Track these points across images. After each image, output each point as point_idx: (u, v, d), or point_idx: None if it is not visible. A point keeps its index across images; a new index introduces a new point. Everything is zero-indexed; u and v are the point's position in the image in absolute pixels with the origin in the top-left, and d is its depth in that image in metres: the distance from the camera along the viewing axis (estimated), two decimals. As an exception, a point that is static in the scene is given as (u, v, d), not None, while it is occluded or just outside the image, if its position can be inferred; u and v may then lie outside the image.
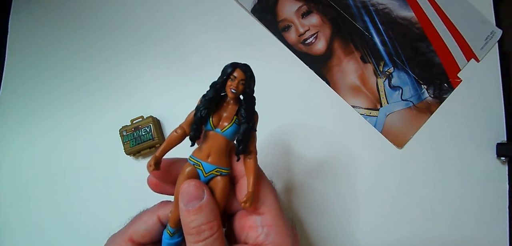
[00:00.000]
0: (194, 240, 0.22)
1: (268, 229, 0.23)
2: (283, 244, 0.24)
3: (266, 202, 0.24)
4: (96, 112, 0.44)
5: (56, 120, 0.45)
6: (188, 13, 0.46)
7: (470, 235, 0.38)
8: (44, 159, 0.44)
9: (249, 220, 0.24)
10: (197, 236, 0.22)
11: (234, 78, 0.23)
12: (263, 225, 0.24)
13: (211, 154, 0.24)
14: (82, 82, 0.45)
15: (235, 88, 0.23)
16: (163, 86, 0.44)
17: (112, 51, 0.46)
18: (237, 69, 0.23)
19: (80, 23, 0.47)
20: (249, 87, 0.24)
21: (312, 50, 0.43)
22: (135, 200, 0.30)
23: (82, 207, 0.42)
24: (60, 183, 0.43)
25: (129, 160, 0.42)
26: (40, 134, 0.44)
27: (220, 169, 0.24)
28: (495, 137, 0.39)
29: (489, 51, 0.42)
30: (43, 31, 0.47)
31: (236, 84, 0.23)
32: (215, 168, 0.24)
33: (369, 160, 0.40)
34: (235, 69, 0.23)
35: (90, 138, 0.43)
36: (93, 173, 0.42)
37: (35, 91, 0.46)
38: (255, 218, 0.24)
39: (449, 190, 0.39)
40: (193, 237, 0.22)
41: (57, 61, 0.46)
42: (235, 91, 0.23)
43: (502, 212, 0.38)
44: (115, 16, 0.47)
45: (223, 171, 0.24)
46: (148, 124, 0.40)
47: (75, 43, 0.46)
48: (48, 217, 0.42)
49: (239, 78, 0.23)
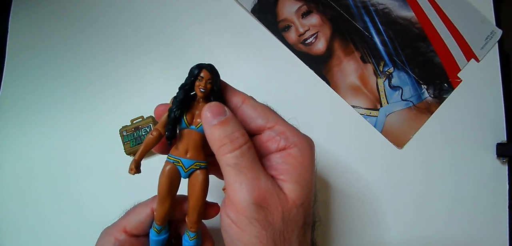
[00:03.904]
0: (229, 149, 0.23)
1: (284, 134, 0.25)
2: (303, 141, 0.25)
3: (269, 118, 0.25)
4: (96, 113, 0.44)
5: (56, 121, 0.45)
6: (188, 14, 0.46)
7: (470, 235, 0.38)
8: (44, 159, 0.44)
9: (264, 137, 0.25)
10: (231, 144, 0.23)
11: (202, 78, 0.25)
12: (278, 133, 0.25)
13: (189, 150, 0.25)
14: (83, 84, 0.45)
15: (204, 87, 0.25)
16: (163, 87, 0.44)
17: (113, 53, 0.46)
18: (203, 70, 0.25)
19: (81, 25, 0.47)
20: (216, 85, 0.25)
21: (312, 50, 0.43)
22: (135, 200, 0.30)
23: (82, 206, 0.42)
24: (60, 183, 0.43)
25: (129, 160, 0.42)
26: (40, 135, 0.44)
27: (199, 162, 0.26)
28: (495, 137, 0.39)
29: (489, 51, 0.42)
30: (44, 32, 0.48)
31: (204, 84, 0.25)
32: (194, 162, 0.25)
33: (369, 160, 0.40)
34: (201, 70, 0.25)
35: (90, 138, 0.43)
36: (93, 172, 0.42)
37: (35, 92, 0.46)
38: (268, 133, 0.25)
39: (449, 190, 0.39)
40: (227, 147, 0.23)
41: (57, 62, 0.46)
42: (204, 90, 0.25)
43: (502, 212, 0.38)
44: (116, 18, 0.47)
45: (202, 164, 0.26)
46: (148, 124, 0.40)
47: (76, 45, 0.46)
48: (48, 217, 0.42)
49: (206, 78, 0.25)
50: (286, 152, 0.25)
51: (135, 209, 0.29)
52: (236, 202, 0.23)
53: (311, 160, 0.25)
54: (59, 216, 0.42)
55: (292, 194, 0.23)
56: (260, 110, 0.26)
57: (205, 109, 0.24)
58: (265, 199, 0.22)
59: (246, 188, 0.22)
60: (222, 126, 0.23)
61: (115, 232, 0.28)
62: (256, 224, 0.22)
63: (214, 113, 0.23)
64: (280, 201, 0.23)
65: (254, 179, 0.23)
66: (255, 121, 0.25)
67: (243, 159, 0.23)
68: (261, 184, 0.23)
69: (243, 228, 0.23)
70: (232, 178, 0.23)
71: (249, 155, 0.23)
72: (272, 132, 0.25)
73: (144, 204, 0.29)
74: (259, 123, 0.25)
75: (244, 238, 0.23)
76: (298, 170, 0.24)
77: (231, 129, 0.23)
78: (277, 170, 0.24)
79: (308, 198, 0.24)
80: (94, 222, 0.33)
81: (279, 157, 0.25)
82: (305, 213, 0.24)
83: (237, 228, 0.23)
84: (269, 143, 0.25)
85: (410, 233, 0.38)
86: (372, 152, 0.40)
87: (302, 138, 0.25)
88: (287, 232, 0.23)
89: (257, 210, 0.22)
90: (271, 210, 0.23)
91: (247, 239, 0.22)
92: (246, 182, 0.23)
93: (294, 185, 0.24)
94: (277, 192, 0.23)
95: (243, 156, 0.23)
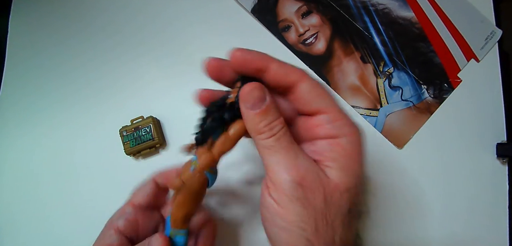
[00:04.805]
0: (267, 136, 0.24)
1: (336, 123, 0.24)
2: (354, 132, 0.24)
3: (324, 102, 0.25)
4: (96, 113, 0.44)
5: (56, 121, 0.45)
6: (188, 14, 0.46)
7: (469, 235, 0.38)
8: (43, 159, 0.44)
9: (315, 120, 0.25)
10: (269, 132, 0.23)
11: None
12: (330, 121, 0.24)
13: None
14: (83, 83, 0.45)
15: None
16: (163, 87, 0.44)
17: (113, 53, 0.45)
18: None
19: (81, 25, 0.47)
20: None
21: (312, 51, 0.43)
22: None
23: (82, 206, 0.42)
24: (60, 183, 0.43)
25: (129, 160, 0.42)
26: (40, 134, 0.44)
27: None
28: (495, 137, 0.39)
29: (489, 51, 0.42)
30: (43, 31, 0.47)
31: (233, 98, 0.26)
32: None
33: (369, 160, 0.40)
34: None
35: (90, 138, 0.43)
36: (93, 173, 0.42)
37: (35, 92, 0.46)
38: (320, 117, 0.25)
39: (448, 190, 0.39)
40: (266, 134, 0.24)
41: (57, 62, 0.46)
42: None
43: (502, 212, 0.38)
44: (116, 17, 0.47)
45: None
46: (148, 124, 0.40)
47: (76, 45, 0.46)
48: (48, 217, 0.42)
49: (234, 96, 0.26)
50: (335, 141, 0.24)
51: (139, 187, 0.32)
52: (276, 181, 0.23)
53: (361, 151, 0.25)
54: (59, 216, 0.42)
55: (336, 179, 0.23)
56: (316, 93, 0.25)
57: (246, 89, 0.24)
58: (304, 178, 0.23)
59: (284, 166, 0.23)
60: (261, 115, 0.24)
61: (124, 207, 0.31)
62: (297, 202, 0.22)
63: (254, 101, 0.24)
64: (322, 182, 0.23)
65: (292, 158, 0.23)
66: (310, 104, 0.25)
67: (280, 141, 0.23)
68: (299, 163, 0.23)
69: (283, 206, 0.23)
70: (269, 158, 0.24)
71: (285, 138, 0.24)
72: (324, 116, 0.25)
73: (146, 182, 0.32)
74: (313, 106, 0.25)
75: (285, 216, 0.23)
76: (345, 160, 0.24)
77: (270, 118, 0.24)
78: (322, 155, 0.24)
79: (355, 187, 0.24)
80: (94, 222, 0.33)
81: (327, 144, 0.24)
82: (350, 200, 0.24)
83: (278, 206, 0.23)
84: (318, 128, 0.25)
85: (410, 233, 0.38)
86: (372, 152, 0.40)
87: (354, 129, 0.25)
88: (330, 216, 0.23)
89: (296, 188, 0.22)
90: (312, 189, 0.23)
91: (288, 216, 0.23)
92: (283, 161, 0.23)
93: (339, 172, 0.24)
94: (318, 173, 0.23)
95: (279, 140, 0.23)
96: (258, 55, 0.25)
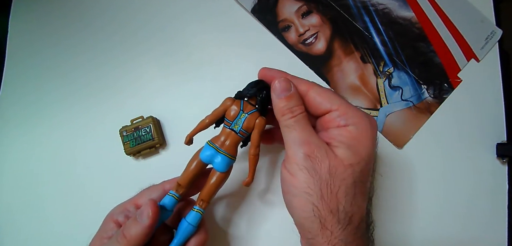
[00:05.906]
0: (288, 117, 0.29)
1: (345, 115, 0.28)
2: (362, 120, 0.29)
3: (333, 102, 0.29)
4: (96, 113, 0.44)
5: (56, 121, 0.45)
6: (188, 14, 0.46)
7: (469, 235, 0.38)
8: (43, 159, 0.44)
9: (327, 117, 0.29)
10: (290, 113, 0.29)
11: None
12: (339, 115, 0.29)
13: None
14: (83, 83, 0.45)
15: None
16: (163, 87, 0.44)
17: (113, 52, 0.45)
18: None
19: (81, 24, 0.47)
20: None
21: (312, 50, 0.43)
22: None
23: (82, 207, 0.42)
24: (60, 183, 0.43)
25: (129, 160, 0.42)
26: (40, 134, 0.44)
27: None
28: (495, 137, 0.39)
29: (489, 51, 0.42)
30: (43, 31, 0.47)
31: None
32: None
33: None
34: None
35: (90, 138, 0.43)
36: (93, 173, 0.42)
37: (35, 92, 0.46)
38: (331, 114, 0.29)
39: (448, 190, 0.39)
40: (288, 115, 0.29)
41: (57, 62, 0.46)
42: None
43: (502, 212, 0.38)
44: (116, 17, 0.47)
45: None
46: (148, 124, 0.40)
47: (76, 44, 0.46)
48: (48, 217, 0.42)
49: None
50: (344, 128, 0.28)
51: (148, 188, 0.34)
52: (290, 155, 0.28)
53: (368, 136, 0.28)
54: (59, 216, 0.42)
55: (341, 155, 0.27)
56: (324, 96, 0.29)
57: (275, 82, 0.30)
58: (313, 151, 0.27)
59: (298, 142, 0.28)
60: (287, 99, 0.29)
61: (118, 215, 0.32)
62: (305, 170, 0.27)
63: (281, 89, 0.29)
64: (328, 155, 0.27)
65: (306, 136, 0.28)
66: (320, 107, 0.29)
67: (298, 122, 0.29)
68: (311, 140, 0.28)
69: (294, 174, 0.27)
70: (288, 135, 0.29)
71: (303, 121, 0.29)
72: (335, 113, 0.29)
73: (157, 185, 0.33)
74: (324, 108, 0.29)
75: (295, 182, 0.27)
76: (350, 141, 0.28)
77: (293, 103, 0.29)
78: (332, 139, 0.28)
79: (359, 164, 0.27)
80: (94, 222, 0.33)
81: (337, 130, 0.29)
82: (353, 174, 0.27)
83: (290, 175, 0.28)
84: (330, 123, 0.29)
85: (410, 233, 0.38)
86: (372, 152, 0.40)
87: (362, 118, 0.29)
88: (334, 186, 0.26)
89: (305, 159, 0.27)
90: (318, 161, 0.27)
91: (297, 183, 0.27)
92: (298, 138, 0.28)
93: (345, 150, 0.27)
94: (326, 149, 0.27)
95: (298, 121, 0.29)
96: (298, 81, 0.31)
